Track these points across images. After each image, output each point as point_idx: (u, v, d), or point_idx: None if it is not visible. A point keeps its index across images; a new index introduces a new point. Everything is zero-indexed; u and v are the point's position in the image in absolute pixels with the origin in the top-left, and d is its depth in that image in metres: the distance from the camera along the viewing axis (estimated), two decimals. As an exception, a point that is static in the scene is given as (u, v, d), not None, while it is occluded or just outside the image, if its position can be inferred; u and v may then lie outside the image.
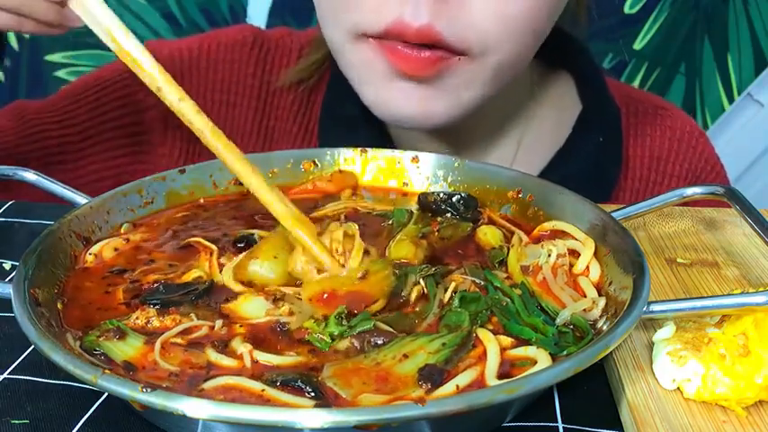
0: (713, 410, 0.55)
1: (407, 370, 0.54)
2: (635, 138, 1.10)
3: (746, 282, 0.72)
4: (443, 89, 0.87)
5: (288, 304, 0.61)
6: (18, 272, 0.61)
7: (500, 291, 0.64)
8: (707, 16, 2.00)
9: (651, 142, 1.11)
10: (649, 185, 1.09)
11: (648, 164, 1.10)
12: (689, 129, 1.14)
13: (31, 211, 0.85)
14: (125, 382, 0.49)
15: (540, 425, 0.56)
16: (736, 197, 0.71)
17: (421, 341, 0.56)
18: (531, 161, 1.05)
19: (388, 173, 0.85)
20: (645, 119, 1.12)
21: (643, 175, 1.10)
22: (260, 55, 1.11)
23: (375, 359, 0.55)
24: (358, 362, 0.55)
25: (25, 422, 0.55)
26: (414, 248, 0.70)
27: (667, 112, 1.14)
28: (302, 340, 0.58)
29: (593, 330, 0.59)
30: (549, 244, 0.69)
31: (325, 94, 1.07)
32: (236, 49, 1.11)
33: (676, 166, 1.11)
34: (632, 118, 1.11)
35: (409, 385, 0.52)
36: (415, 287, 0.64)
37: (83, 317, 0.61)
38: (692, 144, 1.12)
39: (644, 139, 1.11)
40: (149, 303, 0.61)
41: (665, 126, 1.12)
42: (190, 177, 0.81)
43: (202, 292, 0.63)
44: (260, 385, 0.52)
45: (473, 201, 0.78)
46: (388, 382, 0.53)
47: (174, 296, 0.62)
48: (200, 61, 1.10)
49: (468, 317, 0.60)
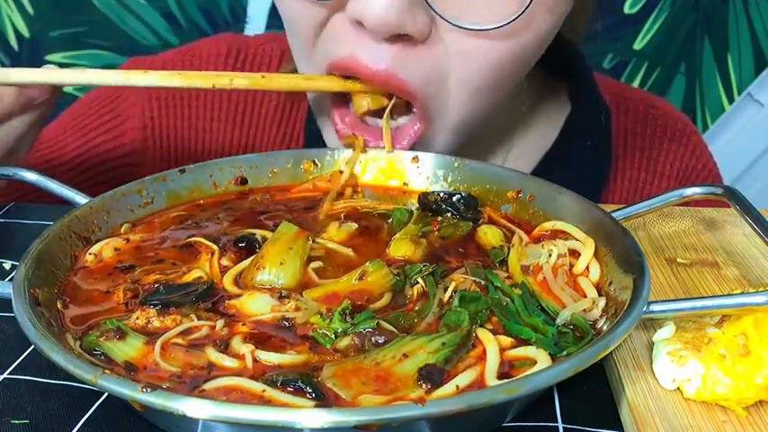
0: (713, 410, 0.55)
1: (407, 370, 0.54)
2: (624, 137, 1.09)
3: (746, 282, 0.72)
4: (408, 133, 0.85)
5: (294, 300, 0.61)
6: (18, 272, 0.61)
7: (500, 290, 0.64)
8: (707, 16, 2.00)
9: (641, 141, 1.10)
10: (639, 185, 1.09)
11: (639, 164, 1.09)
12: (680, 126, 1.13)
13: (31, 212, 0.85)
14: (125, 382, 0.49)
15: (540, 425, 0.56)
16: (736, 197, 0.71)
17: (421, 341, 0.56)
18: (519, 165, 1.04)
19: (388, 173, 0.85)
20: (635, 118, 1.11)
21: (633, 175, 1.09)
22: (236, 65, 1.10)
23: (375, 359, 0.55)
24: (358, 362, 0.55)
25: (25, 422, 0.55)
26: (413, 247, 0.70)
27: (658, 111, 1.13)
28: (305, 336, 0.58)
29: (593, 330, 0.59)
30: (550, 244, 0.69)
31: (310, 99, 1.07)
32: (210, 60, 1.10)
33: (667, 164, 1.10)
34: (622, 117, 1.10)
35: (409, 385, 0.52)
36: (414, 286, 0.64)
37: (82, 317, 0.61)
38: (683, 142, 1.12)
39: (634, 139, 1.10)
40: (150, 304, 0.61)
41: (655, 125, 1.11)
42: (190, 177, 0.81)
43: (203, 292, 0.63)
44: (261, 386, 0.52)
45: (473, 200, 0.78)
46: (388, 382, 0.53)
47: (174, 297, 0.62)
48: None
49: (468, 316, 0.60)
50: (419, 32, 0.76)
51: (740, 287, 0.70)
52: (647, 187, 1.09)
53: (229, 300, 0.62)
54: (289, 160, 0.85)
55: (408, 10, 0.73)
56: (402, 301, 0.63)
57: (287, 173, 0.84)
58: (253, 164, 0.84)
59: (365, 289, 0.63)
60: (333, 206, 0.79)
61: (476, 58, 0.78)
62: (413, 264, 0.68)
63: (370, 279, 0.64)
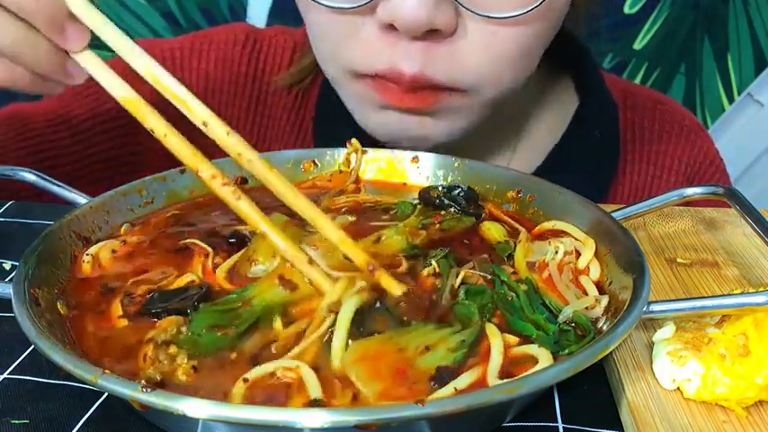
0: (713, 410, 0.55)
1: (427, 365, 0.54)
2: (632, 132, 1.10)
3: (746, 282, 0.72)
4: (439, 117, 0.87)
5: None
6: (18, 272, 0.61)
7: (506, 285, 0.64)
8: (707, 16, 2.00)
9: (649, 135, 1.10)
10: (648, 179, 1.09)
11: (647, 157, 1.10)
12: (687, 123, 1.13)
13: (31, 211, 0.85)
14: (125, 382, 0.49)
15: (540, 425, 0.56)
16: (737, 197, 0.71)
17: (443, 333, 0.57)
18: (528, 158, 1.05)
19: (388, 173, 0.85)
20: (643, 113, 1.12)
21: (642, 169, 1.09)
22: (252, 54, 1.10)
23: (398, 344, 0.55)
24: (383, 342, 0.55)
25: (25, 422, 0.55)
26: (409, 237, 0.70)
27: (666, 107, 1.13)
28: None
29: (595, 329, 0.59)
30: (557, 241, 0.69)
31: (319, 93, 1.07)
32: (228, 47, 1.10)
33: (675, 159, 1.10)
34: (630, 112, 1.11)
35: (423, 382, 0.53)
36: (426, 268, 0.65)
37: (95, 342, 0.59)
38: (691, 138, 1.12)
39: (642, 133, 1.10)
40: (150, 313, 0.60)
41: (663, 120, 1.12)
42: (190, 177, 0.80)
43: (202, 296, 0.61)
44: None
45: (474, 194, 0.78)
46: (407, 376, 0.53)
47: (171, 303, 0.61)
48: (192, 61, 1.09)
49: (477, 309, 0.60)
50: (447, 26, 0.78)
51: (740, 287, 0.70)
52: (655, 181, 1.09)
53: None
54: (289, 160, 0.85)
55: (436, 6, 0.76)
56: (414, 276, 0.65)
57: (287, 173, 0.84)
58: (253, 164, 0.84)
59: (379, 253, 0.66)
60: (334, 201, 0.79)
61: (500, 45, 0.81)
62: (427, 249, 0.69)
63: (386, 242, 0.66)
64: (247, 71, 1.10)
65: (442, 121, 0.88)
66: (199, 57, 1.10)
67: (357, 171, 0.85)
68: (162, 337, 0.56)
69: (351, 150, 0.85)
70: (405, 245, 0.68)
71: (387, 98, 0.84)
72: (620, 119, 1.08)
